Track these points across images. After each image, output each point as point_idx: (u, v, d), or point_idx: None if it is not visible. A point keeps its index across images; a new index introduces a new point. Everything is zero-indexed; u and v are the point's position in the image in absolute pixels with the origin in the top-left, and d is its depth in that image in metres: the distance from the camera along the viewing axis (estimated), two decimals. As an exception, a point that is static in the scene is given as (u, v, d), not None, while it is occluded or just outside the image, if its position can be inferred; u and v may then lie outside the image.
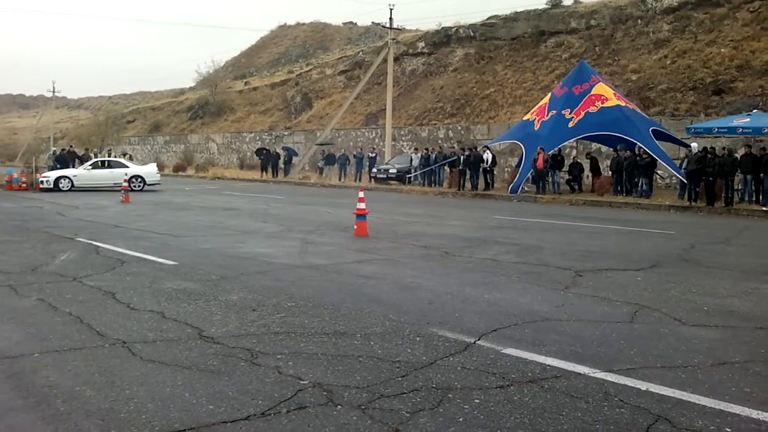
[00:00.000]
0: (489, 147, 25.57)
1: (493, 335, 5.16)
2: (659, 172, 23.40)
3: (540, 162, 22.73)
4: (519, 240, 11.29)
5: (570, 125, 23.06)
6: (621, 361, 4.56)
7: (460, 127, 33.85)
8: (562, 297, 6.66)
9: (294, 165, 35.68)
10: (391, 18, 33.09)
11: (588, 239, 11.71)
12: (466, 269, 8.27)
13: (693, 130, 21.38)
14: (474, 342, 4.97)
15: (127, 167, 25.01)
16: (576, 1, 37.61)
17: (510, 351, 4.75)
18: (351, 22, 76.86)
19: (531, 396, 3.90)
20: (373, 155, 32.35)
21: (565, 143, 24.30)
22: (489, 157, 24.77)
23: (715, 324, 5.68)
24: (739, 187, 19.54)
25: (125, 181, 21.78)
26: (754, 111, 21.83)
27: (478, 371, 4.32)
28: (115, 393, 3.87)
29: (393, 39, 33.84)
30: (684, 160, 20.59)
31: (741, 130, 19.71)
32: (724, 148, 19.82)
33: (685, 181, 19.85)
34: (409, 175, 28.40)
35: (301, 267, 8.20)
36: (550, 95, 25.32)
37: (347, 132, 39.52)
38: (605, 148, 25.81)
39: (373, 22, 38.53)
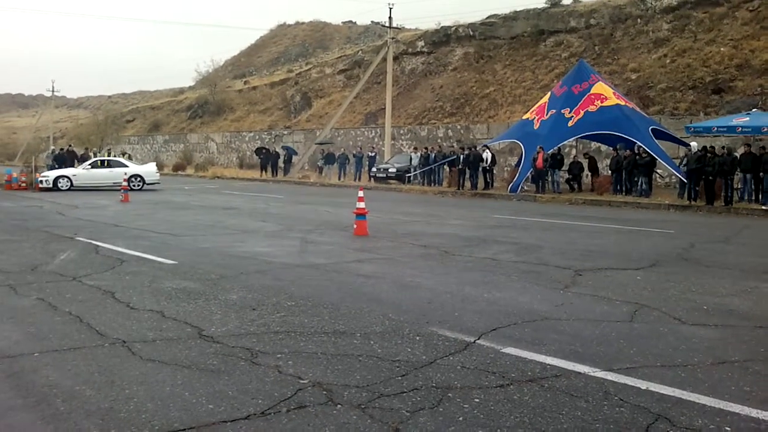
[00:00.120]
0: (488, 146, 25.56)
1: (493, 334, 5.17)
2: (659, 171, 23.39)
3: (539, 161, 22.72)
4: (518, 239, 11.30)
5: (569, 124, 23.05)
6: (621, 360, 4.56)
7: (459, 127, 33.84)
8: (561, 296, 6.66)
9: (293, 164, 35.65)
10: (391, 17, 33.16)
11: (587, 238, 11.71)
12: (465, 268, 8.27)
13: (692, 129, 21.37)
14: (474, 341, 4.97)
15: (127, 166, 25.01)
16: (575, 1, 37.58)
17: (510, 350, 4.75)
18: (350, 21, 76.94)
19: (531, 395, 3.90)
20: (373, 154, 32.33)
21: (565, 142, 24.27)
22: (488, 157, 24.77)
23: (715, 323, 5.69)
24: (739, 186, 19.54)
25: (125, 181, 21.79)
26: (753, 110, 21.81)
27: (477, 370, 4.32)
28: (115, 392, 3.87)
29: (392, 38, 33.84)
30: (683, 159, 20.61)
31: (740, 129, 19.71)
32: (723, 147, 19.82)
33: (685, 180, 19.85)
34: (409, 175, 28.39)
35: (301, 266, 8.20)
36: (549, 94, 25.31)
37: (347, 131, 39.50)
38: (604, 147, 25.81)
39: (373, 21, 38.65)
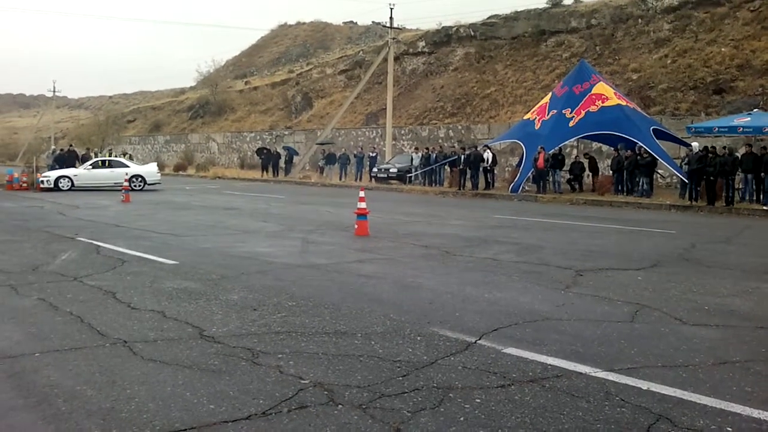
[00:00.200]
0: (489, 146, 25.54)
1: (494, 335, 5.16)
2: (660, 171, 23.39)
3: (540, 161, 22.72)
4: (519, 239, 11.29)
5: (570, 124, 23.03)
6: (622, 361, 4.56)
7: (460, 127, 33.84)
8: (562, 296, 6.66)
9: (294, 164, 35.66)
10: (392, 17, 33.15)
11: (589, 239, 11.71)
12: (466, 269, 8.26)
13: (694, 129, 21.37)
14: (475, 341, 4.97)
15: (128, 167, 25.02)
16: (576, 1, 37.58)
17: (511, 350, 4.75)
18: (351, 21, 76.99)
19: (532, 395, 3.90)
20: (374, 155, 32.32)
21: (566, 142, 24.26)
22: (489, 157, 24.77)
23: (716, 323, 5.68)
24: (740, 187, 19.53)
25: (126, 181, 21.81)
26: (754, 110, 21.80)
27: (479, 371, 4.32)
28: (116, 392, 3.87)
29: (393, 38, 33.84)
30: (684, 159, 20.60)
31: (742, 129, 19.70)
32: (724, 147, 19.80)
33: (686, 181, 19.84)
34: (410, 175, 28.39)
35: (302, 266, 8.20)
36: (550, 94, 25.30)
37: (348, 131, 39.50)
38: (605, 147, 25.81)
39: (374, 21, 38.65)
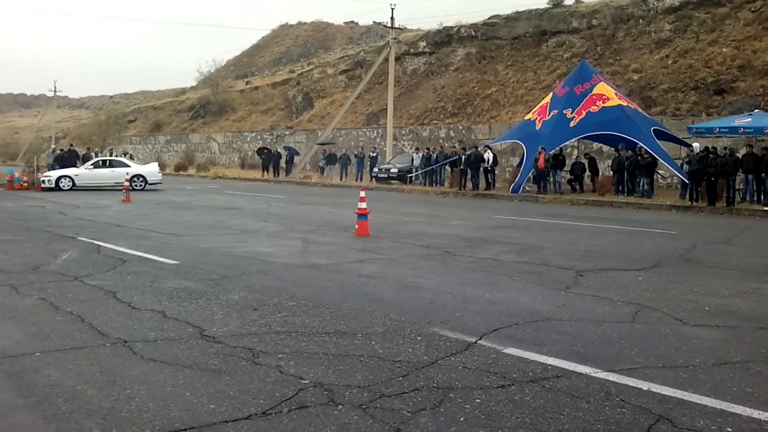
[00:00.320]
0: (490, 146, 25.55)
1: (494, 335, 5.16)
2: (660, 171, 23.38)
3: (541, 162, 22.72)
4: (520, 240, 11.29)
5: (571, 125, 23.03)
6: (622, 361, 4.56)
7: (461, 127, 33.84)
8: (563, 297, 6.66)
9: (295, 164, 35.68)
10: (393, 17, 33.12)
11: (589, 239, 11.70)
12: (467, 269, 8.26)
13: (694, 129, 21.36)
14: (475, 342, 4.97)
15: (129, 166, 25.04)
16: (577, 1, 37.58)
17: (511, 351, 4.75)
18: (352, 21, 76.96)
19: (532, 396, 3.90)
20: (375, 155, 32.32)
21: (567, 143, 24.26)
22: (490, 157, 24.77)
23: (717, 324, 5.68)
24: (741, 187, 19.53)
25: (126, 181, 21.83)
26: (755, 111, 21.80)
27: (479, 371, 4.32)
28: (117, 392, 3.88)
29: (394, 38, 33.84)
30: (685, 159, 20.59)
31: (742, 129, 19.68)
32: (725, 147, 19.80)
33: (687, 181, 19.83)
34: (411, 175, 28.40)
35: (303, 266, 8.20)
36: (551, 95, 25.29)
37: (348, 131, 39.51)
38: (606, 147, 25.80)
39: (375, 21, 38.65)
